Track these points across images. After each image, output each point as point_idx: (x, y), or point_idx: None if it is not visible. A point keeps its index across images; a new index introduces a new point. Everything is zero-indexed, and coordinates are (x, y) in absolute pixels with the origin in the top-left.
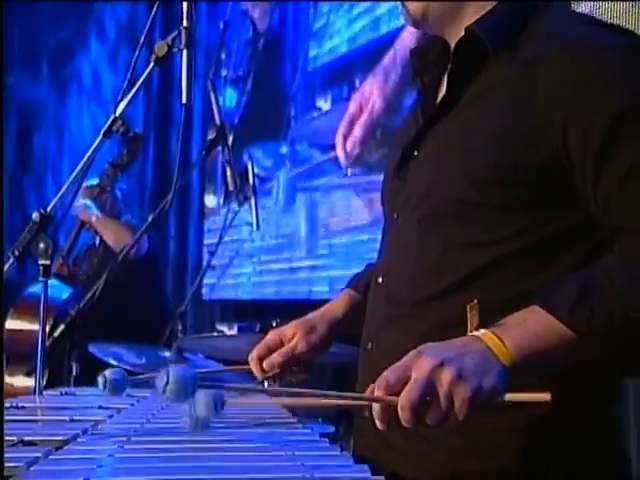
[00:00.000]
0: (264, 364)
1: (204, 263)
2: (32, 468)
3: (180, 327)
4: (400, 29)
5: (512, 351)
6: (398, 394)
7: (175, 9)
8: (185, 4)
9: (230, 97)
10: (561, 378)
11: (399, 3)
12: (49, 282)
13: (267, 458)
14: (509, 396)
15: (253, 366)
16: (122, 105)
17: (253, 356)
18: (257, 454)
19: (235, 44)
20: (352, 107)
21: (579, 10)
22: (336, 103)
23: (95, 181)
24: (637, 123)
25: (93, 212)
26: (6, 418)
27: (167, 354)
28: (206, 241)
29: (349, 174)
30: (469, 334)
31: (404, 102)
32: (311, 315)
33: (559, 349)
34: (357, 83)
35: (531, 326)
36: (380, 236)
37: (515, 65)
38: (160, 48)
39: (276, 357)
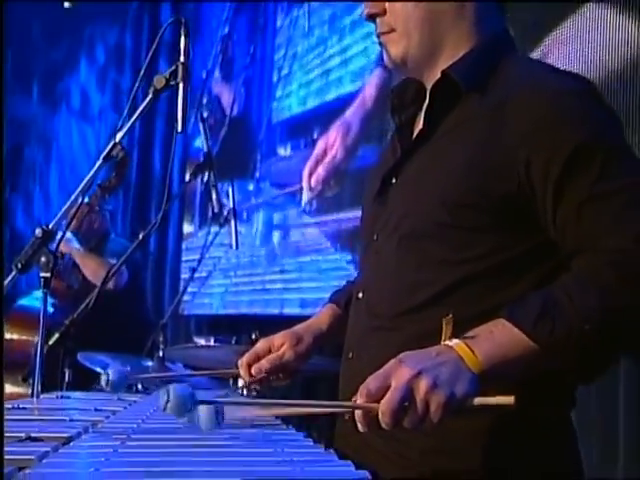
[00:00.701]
0: (252, 369)
1: (181, 279)
2: (44, 460)
3: (162, 338)
4: (348, 95)
5: (481, 360)
6: (379, 400)
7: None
8: (183, 42)
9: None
10: (521, 384)
11: (350, 70)
12: (36, 295)
13: (259, 454)
14: (478, 400)
15: (242, 371)
16: (122, 132)
17: (243, 362)
18: (249, 450)
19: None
20: (318, 149)
21: None
22: (294, 150)
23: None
24: (589, 160)
25: (74, 245)
26: (10, 417)
27: (149, 363)
28: (183, 258)
29: (308, 208)
30: (443, 344)
31: (360, 150)
32: (298, 327)
33: (523, 358)
34: (315, 134)
35: (498, 338)
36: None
37: (485, 104)
38: (159, 81)
39: (264, 363)
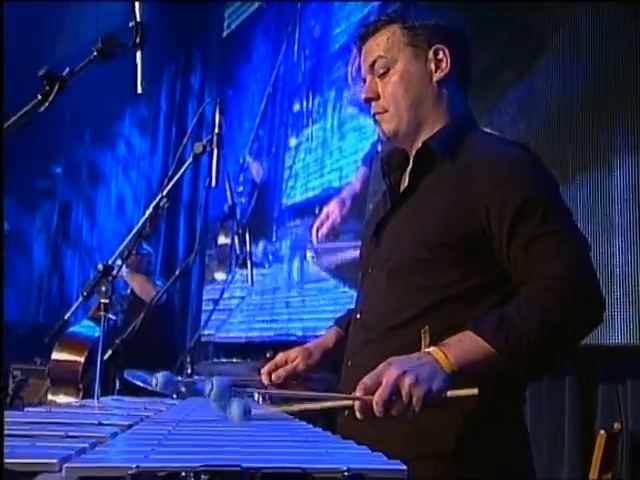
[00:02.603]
0: (272, 377)
1: (203, 312)
2: (119, 436)
3: (189, 359)
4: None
5: (453, 362)
6: (373, 394)
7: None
8: (217, 117)
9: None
10: (483, 383)
11: (341, 166)
12: (86, 323)
13: (296, 442)
14: (450, 392)
15: (264, 377)
16: (169, 186)
17: (264, 371)
18: (279, 439)
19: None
20: (323, 215)
21: None
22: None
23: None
24: (533, 209)
25: (123, 268)
26: (81, 411)
27: (179, 378)
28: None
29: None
30: (423, 351)
31: (350, 220)
32: (309, 344)
33: (485, 361)
34: (316, 211)
35: (466, 345)
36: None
37: (455, 167)
38: (197, 147)
39: (281, 372)
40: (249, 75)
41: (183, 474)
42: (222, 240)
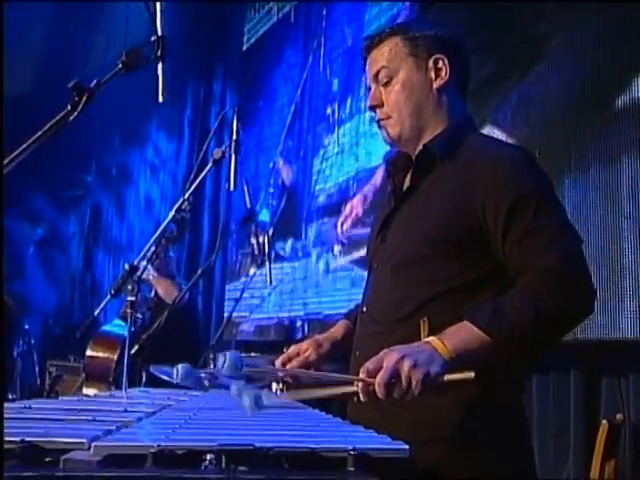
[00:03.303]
0: (287, 367)
1: (225, 311)
2: (143, 421)
3: (211, 355)
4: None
5: (450, 349)
6: (375, 377)
7: None
8: (235, 124)
9: (265, 214)
10: (481, 371)
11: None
12: (117, 322)
13: (306, 426)
14: (447, 376)
15: (278, 368)
16: (190, 190)
17: (278, 362)
18: (292, 423)
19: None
20: (347, 210)
21: None
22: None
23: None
24: (527, 205)
25: (150, 272)
26: (110, 400)
27: (202, 374)
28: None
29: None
30: (422, 340)
31: (371, 213)
32: (319, 336)
33: (480, 348)
34: (342, 208)
35: (463, 334)
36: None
37: (454, 168)
38: (217, 153)
39: (294, 363)
40: (276, 82)
41: (201, 454)
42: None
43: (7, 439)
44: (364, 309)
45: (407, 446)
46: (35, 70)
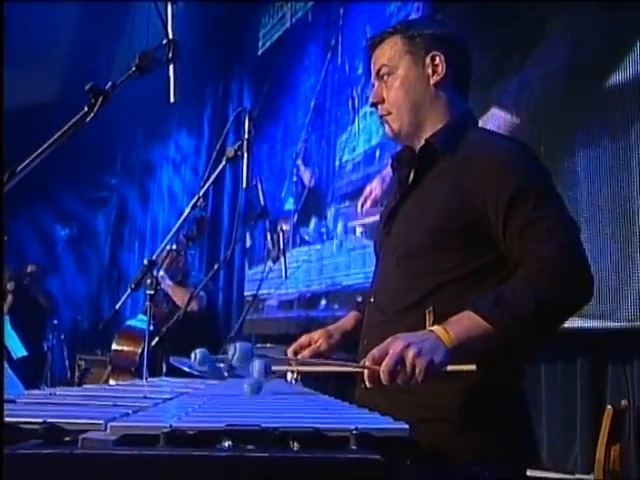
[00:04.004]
0: (298, 357)
1: (245, 306)
2: (159, 405)
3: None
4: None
5: (453, 338)
6: (380, 364)
7: None
8: (247, 124)
9: (290, 203)
10: (483, 357)
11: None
12: (141, 317)
13: (313, 409)
14: (450, 367)
15: (290, 357)
16: (205, 186)
17: (290, 351)
18: (299, 407)
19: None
20: (367, 191)
21: None
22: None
23: (174, 247)
24: (525, 197)
25: (167, 281)
26: (131, 388)
27: (222, 365)
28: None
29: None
30: (427, 329)
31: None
32: (330, 327)
33: (482, 336)
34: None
35: (465, 322)
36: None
37: (455, 162)
38: (230, 152)
39: (306, 352)
40: (297, 78)
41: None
42: (282, 227)
43: (30, 420)
44: (371, 299)
45: (407, 426)
46: (62, 77)
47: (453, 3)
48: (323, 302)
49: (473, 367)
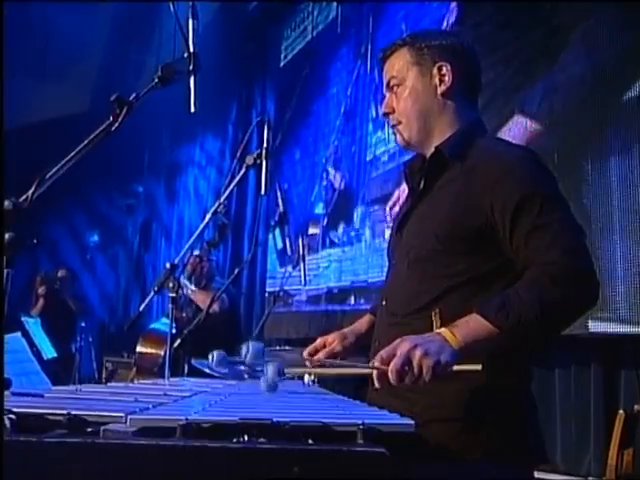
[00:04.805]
0: (313, 358)
1: (265, 309)
2: (178, 401)
3: None
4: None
5: (460, 339)
6: (388, 365)
7: None
8: (265, 132)
9: (320, 207)
10: (490, 359)
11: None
12: (165, 320)
13: (324, 406)
14: (456, 367)
15: (306, 358)
16: (226, 193)
17: (306, 353)
18: (310, 404)
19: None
20: (395, 196)
21: None
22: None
23: (197, 252)
24: (531, 203)
25: (189, 287)
26: (153, 386)
27: (242, 367)
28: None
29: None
30: (435, 331)
31: None
32: (345, 329)
33: (488, 338)
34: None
35: (472, 325)
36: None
37: (464, 169)
38: (249, 159)
39: (320, 354)
40: (328, 85)
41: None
42: (312, 230)
43: (56, 412)
44: (383, 302)
45: (412, 422)
46: (92, 90)
47: (480, 7)
48: (352, 298)
49: (478, 367)
